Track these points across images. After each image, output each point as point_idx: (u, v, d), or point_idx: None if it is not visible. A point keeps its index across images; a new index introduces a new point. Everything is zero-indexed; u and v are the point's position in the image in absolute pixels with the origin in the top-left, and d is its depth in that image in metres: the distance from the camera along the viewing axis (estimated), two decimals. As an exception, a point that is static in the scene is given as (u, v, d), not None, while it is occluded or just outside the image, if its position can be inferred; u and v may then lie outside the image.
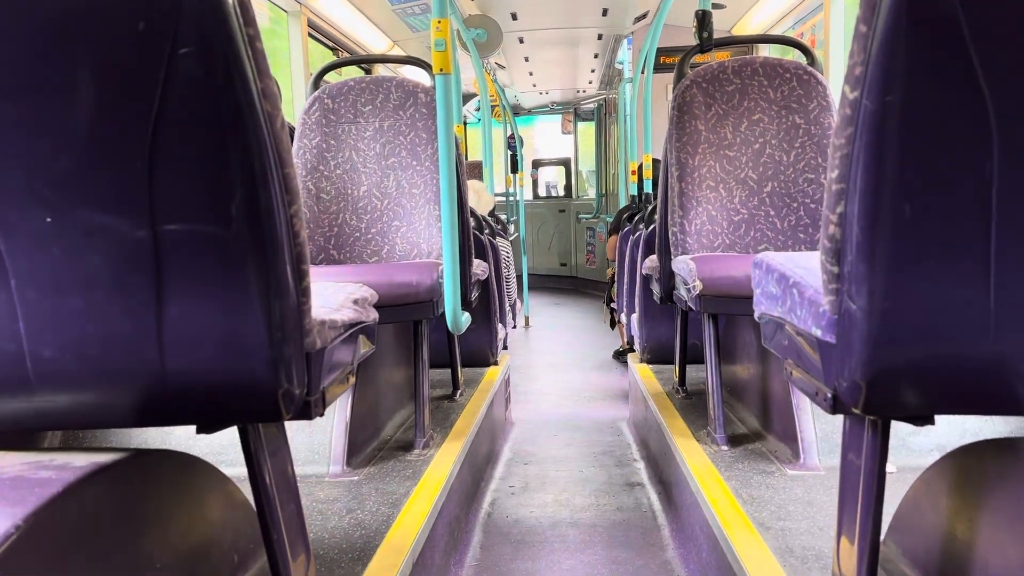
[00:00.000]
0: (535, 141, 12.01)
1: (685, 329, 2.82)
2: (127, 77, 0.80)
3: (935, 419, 0.96)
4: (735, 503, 1.80)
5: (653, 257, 2.87)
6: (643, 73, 4.67)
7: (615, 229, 5.19)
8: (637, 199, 4.80)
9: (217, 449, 1.88)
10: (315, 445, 2.08)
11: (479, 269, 2.95)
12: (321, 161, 2.62)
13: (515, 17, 5.69)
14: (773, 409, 2.25)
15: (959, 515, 1.00)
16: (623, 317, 4.22)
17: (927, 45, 0.78)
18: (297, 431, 2.07)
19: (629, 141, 5.83)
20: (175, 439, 2.01)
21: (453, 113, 2.24)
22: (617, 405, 4.08)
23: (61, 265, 0.83)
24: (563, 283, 10.40)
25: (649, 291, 3.09)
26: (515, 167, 7.62)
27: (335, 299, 1.26)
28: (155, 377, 0.87)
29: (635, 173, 4.98)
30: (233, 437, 1.03)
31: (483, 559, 2.20)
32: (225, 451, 1.87)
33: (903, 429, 1.01)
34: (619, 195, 6.38)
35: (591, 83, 9.09)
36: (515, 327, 5.00)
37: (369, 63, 5.26)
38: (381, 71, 5.72)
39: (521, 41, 6.53)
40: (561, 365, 5.32)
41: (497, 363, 3.55)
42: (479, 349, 3.46)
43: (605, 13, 5.75)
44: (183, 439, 1.97)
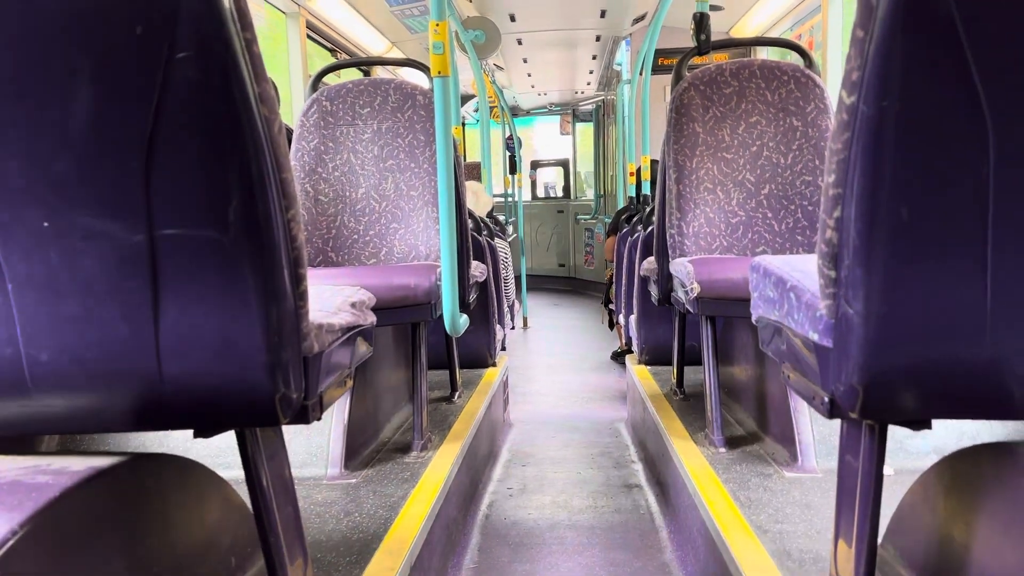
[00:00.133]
0: (534, 142, 12.02)
1: (683, 331, 2.82)
2: (125, 81, 0.80)
3: (932, 423, 0.96)
4: (733, 505, 1.80)
5: (651, 259, 2.87)
6: (641, 75, 4.67)
7: (613, 230, 5.19)
8: (635, 200, 4.80)
9: (215, 452, 1.88)
10: (313, 448, 2.08)
11: (477, 271, 2.94)
12: (319, 163, 2.62)
13: (513, 19, 5.69)
14: (771, 411, 2.25)
15: (956, 518, 1.00)
16: (621, 318, 4.22)
17: (924, 50, 0.79)
18: (295, 433, 2.07)
19: (627, 142, 5.84)
20: (173, 443, 2.01)
21: (451, 115, 2.24)
22: (615, 406, 4.08)
23: (58, 269, 0.83)
24: (561, 284, 10.41)
25: (647, 293, 3.09)
26: (513, 168, 7.63)
27: (333, 302, 1.26)
28: (152, 381, 0.87)
29: (633, 174, 4.98)
30: (231, 440, 1.03)
31: (481, 561, 2.19)
32: (223, 454, 1.87)
33: (901, 432, 1.01)
34: (617, 196, 6.39)
35: (589, 84, 9.09)
36: (513, 328, 4.99)
37: (367, 65, 5.26)
38: (380, 73, 5.73)
39: (519, 43, 6.53)
40: (559, 366, 5.32)
41: (495, 364, 3.54)
42: (477, 350, 3.46)
43: (603, 15, 5.75)
44: (181, 443, 1.97)
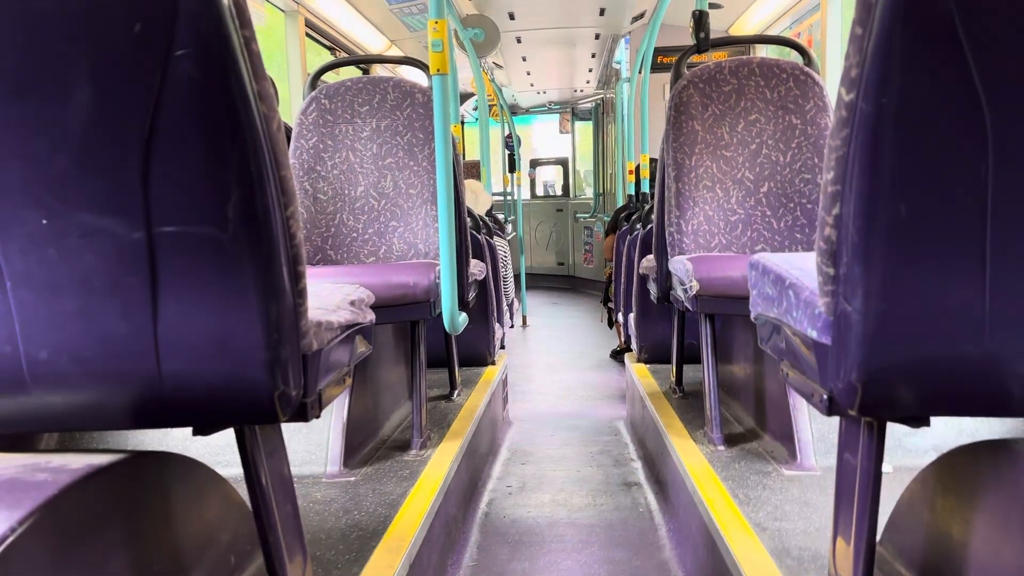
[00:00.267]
0: (533, 140, 12.01)
1: (682, 329, 2.82)
2: (123, 79, 0.80)
3: (931, 420, 0.96)
4: (731, 503, 1.80)
5: (650, 257, 2.87)
6: (640, 73, 4.67)
7: (612, 228, 5.19)
8: (634, 199, 4.80)
9: (214, 450, 1.88)
10: (312, 446, 2.08)
11: (476, 269, 2.94)
12: (318, 161, 2.62)
13: (512, 17, 5.69)
14: (769, 409, 2.25)
15: (955, 516, 1.00)
16: (620, 316, 4.22)
17: (922, 47, 0.78)
18: (294, 431, 2.07)
19: (626, 141, 5.84)
20: (172, 441, 2.01)
21: (450, 113, 2.24)
22: (614, 404, 4.08)
23: (57, 267, 0.83)
24: (561, 282, 10.41)
25: (646, 291, 3.09)
26: (513, 166, 7.63)
27: (332, 300, 1.26)
28: (151, 379, 0.87)
29: (632, 173, 4.98)
30: (230, 438, 1.03)
31: (480, 559, 2.20)
32: (222, 452, 1.87)
33: (899, 429, 1.01)
34: (616, 195, 6.39)
35: (589, 83, 9.09)
36: (513, 326, 5.00)
37: (366, 63, 5.26)
38: (379, 71, 5.72)
39: (519, 41, 6.52)
40: (559, 364, 5.32)
41: (495, 363, 3.55)
42: (477, 349, 3.46)
43: (603, 13, 5.75)
44: (180, 441, 1.97)
